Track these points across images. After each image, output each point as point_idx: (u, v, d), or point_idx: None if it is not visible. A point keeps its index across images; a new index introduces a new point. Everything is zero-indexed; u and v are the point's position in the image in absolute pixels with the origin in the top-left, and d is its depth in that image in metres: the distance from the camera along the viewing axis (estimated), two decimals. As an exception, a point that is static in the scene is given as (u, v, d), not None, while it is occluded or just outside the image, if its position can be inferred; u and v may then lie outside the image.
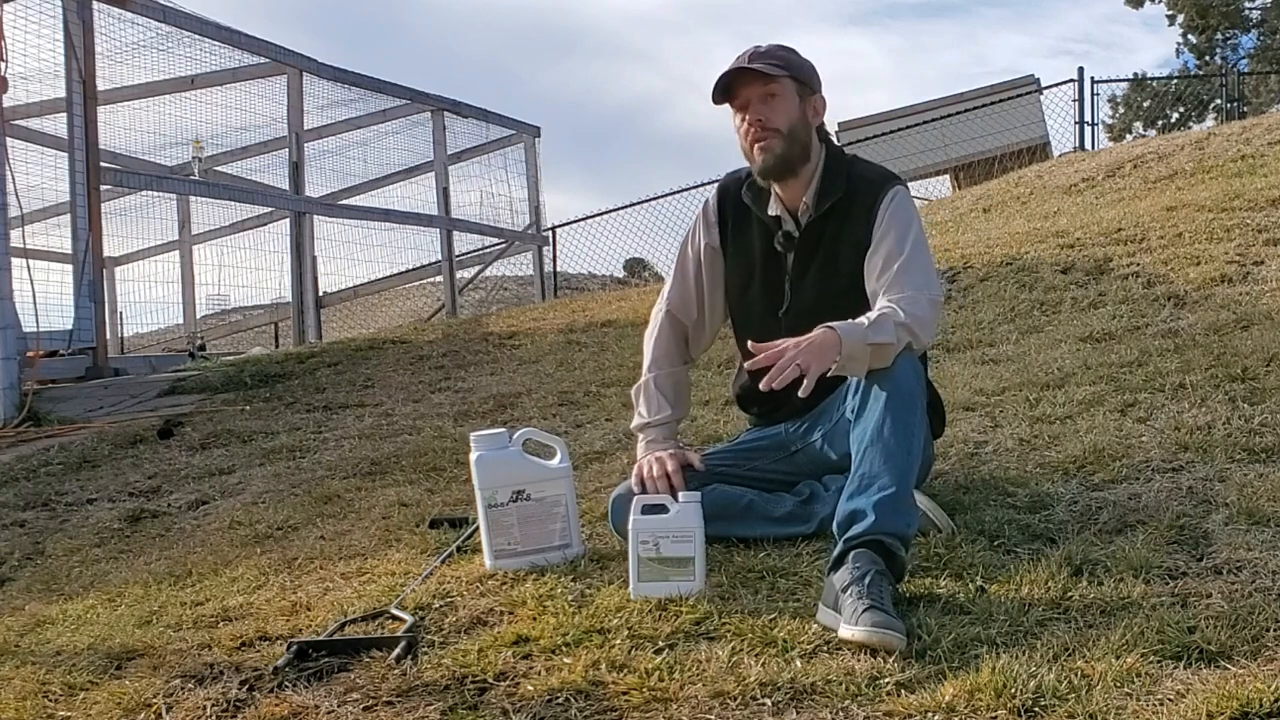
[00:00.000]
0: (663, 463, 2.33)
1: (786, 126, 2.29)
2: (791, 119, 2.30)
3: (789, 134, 2.29)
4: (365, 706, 1.71)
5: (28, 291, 5.88)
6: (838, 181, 2.33)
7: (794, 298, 2.37)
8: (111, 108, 7.83)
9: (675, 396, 2.49)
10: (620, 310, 6.48)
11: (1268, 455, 2.53)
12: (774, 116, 2.29)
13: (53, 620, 2.45)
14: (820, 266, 2.34)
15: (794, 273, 2.37)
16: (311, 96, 8.87)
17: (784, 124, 2.29)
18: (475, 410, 4.42)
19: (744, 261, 2.44)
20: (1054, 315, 4.53)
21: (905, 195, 2.32)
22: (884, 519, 1.93)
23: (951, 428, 3.04)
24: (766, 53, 2.30)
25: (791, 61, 2.30)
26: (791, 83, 2.29)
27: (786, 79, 2.29)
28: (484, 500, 2.31)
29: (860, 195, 2.31)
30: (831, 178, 2.34)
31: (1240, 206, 5.79)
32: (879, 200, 2.28)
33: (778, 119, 2.29)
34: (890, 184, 2.32)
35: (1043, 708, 1.51)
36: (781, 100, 2.29)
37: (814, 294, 2.33)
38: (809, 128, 2.33)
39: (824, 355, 1.97)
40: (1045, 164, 11.72)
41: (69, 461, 4.36)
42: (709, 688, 1.65)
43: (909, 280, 2.18)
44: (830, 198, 2.32)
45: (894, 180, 2.34)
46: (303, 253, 8.60)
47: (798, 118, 2.31)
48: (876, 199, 2.29)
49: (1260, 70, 24.90)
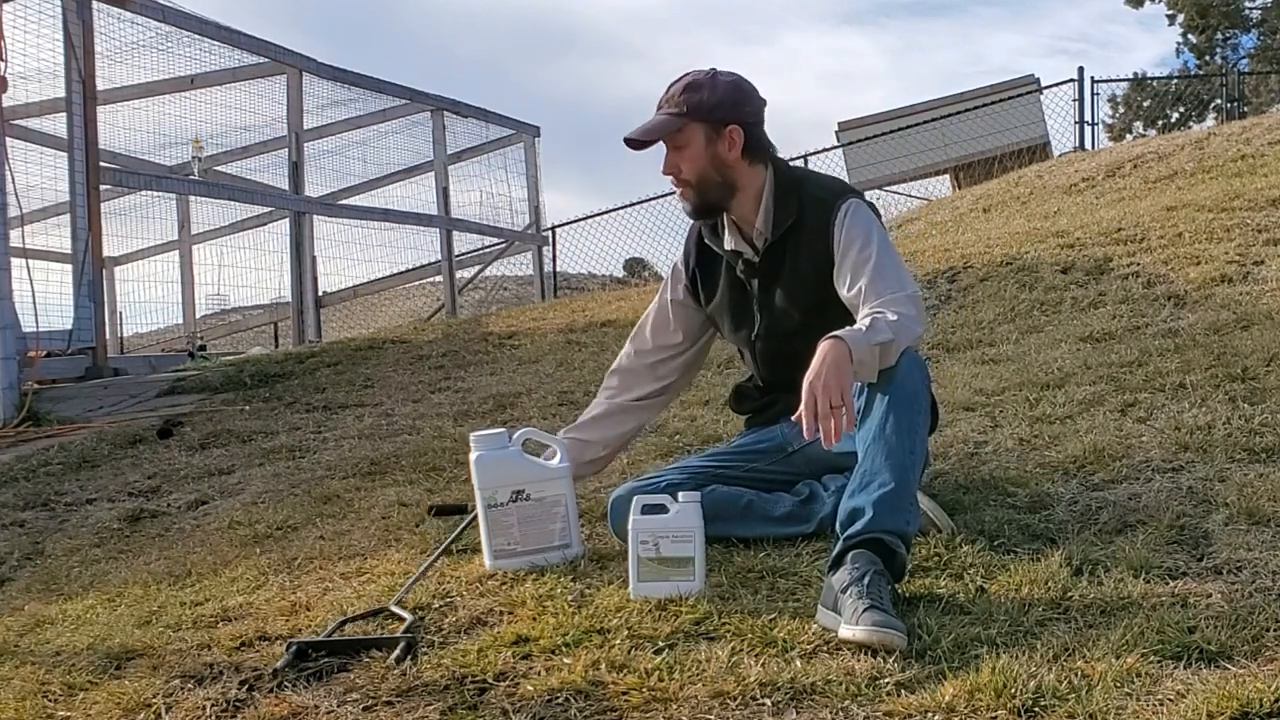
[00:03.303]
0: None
1: (695, 176, 2.30)
2: (699, 166, 2.30)
3: (699, 183, 2.31)
4: (365, 707, 1.71)
5: (27, 291, 5.88)
6: (789, 204, 2.33)
7: (763, 321, 2.39)
8: (111, 107, 7.83)
9: (611, 426, 2.55)
10: (620, 310, 6.48)
11: (1268, 455, 2.53)
12: (683, 166, 2.30)
13: (52, 620, 2.45)
14: (784, 288, 2.35)
15: (760, 298, 2.39)
16: (311, 96, 8.87)
17: (692, 174, 2.30)
18: (475, 410, 4.42)
19: (718, 299, 2.47)
20: (1054, 315, 4.53)
21: (859, 205, 2.30)
22: (882, 516, 1.93)
23: (951, 428, 3.04)
24: (670, 98, 2.29)
25: (692, 103, 2.27)
26: (697, 126, 2.28)
27: (689, 125, 2.27)
28: (484, 500, 2.31)
29: (812, 214, 2.30)
30: (783, 200, 2.33)
31: (1240, 206, 5.79)
32: (832, 217, 2.27)
33: (686, 170, 2.30)
34: (842, 198, 2.31)
35: (1043, 708, 1.51)
36: (688, 149, 2.29)
37: (781, 315, 2.35)
38: (725, 164, 2.30)
39: (842, 371, 1.95)
40: (1045, 164, 11.72)
41: (69, 461, 4.35)
42: (709, 688, 1.65)
43: (884, 285, 2.18)
44: (784, 223, 2.32)
45: (847, 193, 2.34)
46: (302, 252, 8.60)
47: (705, 162, 2.29)
48: (829, 217, 2.28)
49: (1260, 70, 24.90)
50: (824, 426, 1.91)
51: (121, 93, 8.08)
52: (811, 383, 1.94)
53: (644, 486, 2.34)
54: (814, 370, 1.96)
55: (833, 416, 1.91)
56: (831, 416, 1.91)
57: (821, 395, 1.92)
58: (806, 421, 1.93)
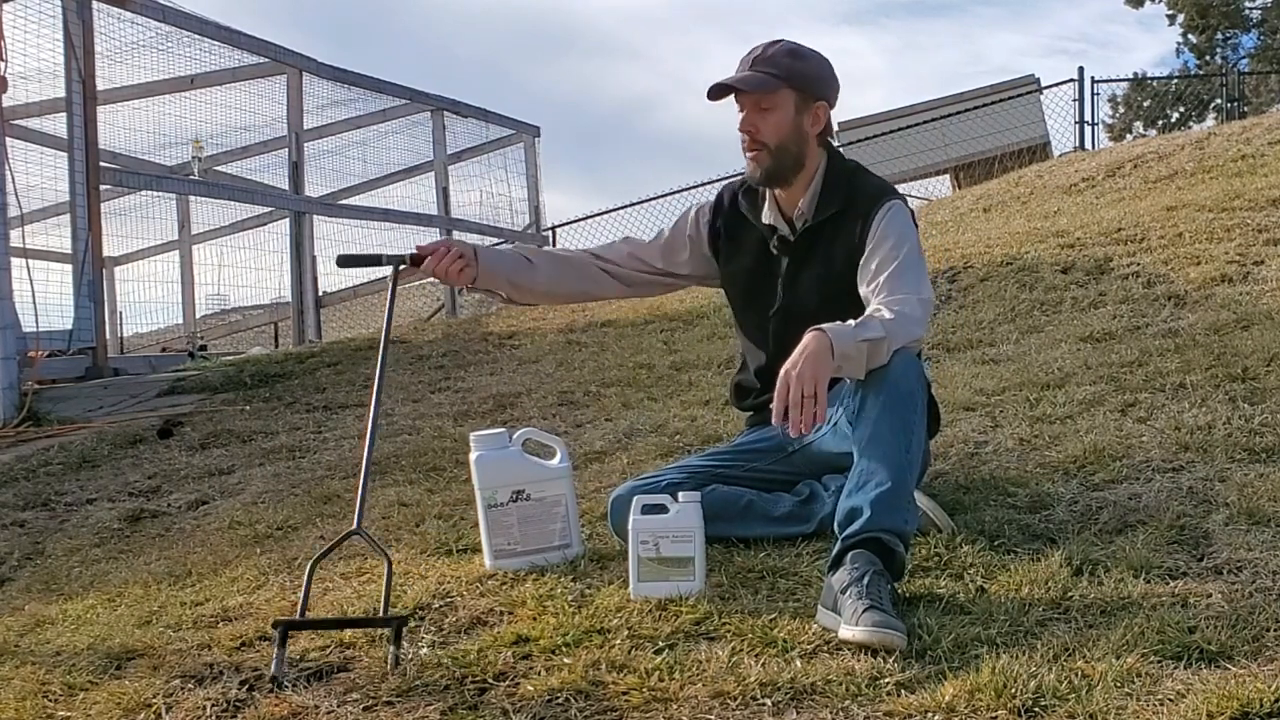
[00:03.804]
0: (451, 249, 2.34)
1: (775, 141, 2.28)
2: (782, 133, 2.28)
3: (777, 149, 2.28)
4: (365, 706, 1.71)
5: (27, 291, 5.88)
6: (837, 192, 2.32)
7: (785, 299, 2.38)
8: (111, 108, 7.82)
9: (544, 262, 2.46)
10: (620, 310, 6.48)
11: (1268, 455, 2.53)
12: (765, 129, 2.27)
13: (52, 620, 2.45)
14: (813, 272, 2.35)
15: (786, 276, 2.38)
16: (311, 96, 8.86)
17: (773, 139, 2.28)
18: (475, 410, 4.41)
19: (739, 265, 2.45)
20: (1054, 315, 4.53)
21: (902, 208, 2.30)
22: (880, 515, 1.93)
23: (951, 428, 3.04)
24: (769, 57, 2.26)
25: (794, 70, 2.26)
26: (790, 93, 2.26)
27: (783, 89, 2.26)
28: (484, 500, 2.31)
29: (857, 206, 2.30)
30: (831, 187, 2.33)
31: (1240, 206, 5.80)
32: (875, 211, 2.27)
33: (767, 133, 2.28)
34: (888, 197, 2.31)
35: (1043, 708, 1.51)
36: (775, 113, 2.27)
37: (804, 297, 2.34)
38: (804, 138, 2.30)
39: (820, 363, 1.96)
40: (1045, 164, 11.72)
41: (69, 461, 4.35)
42: (709, 688, 1.65)
43: (900, 285, 2.18)
44: (828, 208, 2.32)
45: (893, 194, 2.33)
46: (302, 253, 8.59)
47: (790, 131, 2.28)
48: (872, 210, 2.28)
49: (1260, 70, 24.90)
50: (793, 415, 1.93)
51: (121, 93, 8.07)
52: (787, 371, 1.96)
53: (644, 486, 2.34)
54: (792, 359, 1.98)
55: (803, 406, 1.92)
56: (802, 406, 1.92)
57: (795, 384, 1.94)
58: (776, 408, 1.95)
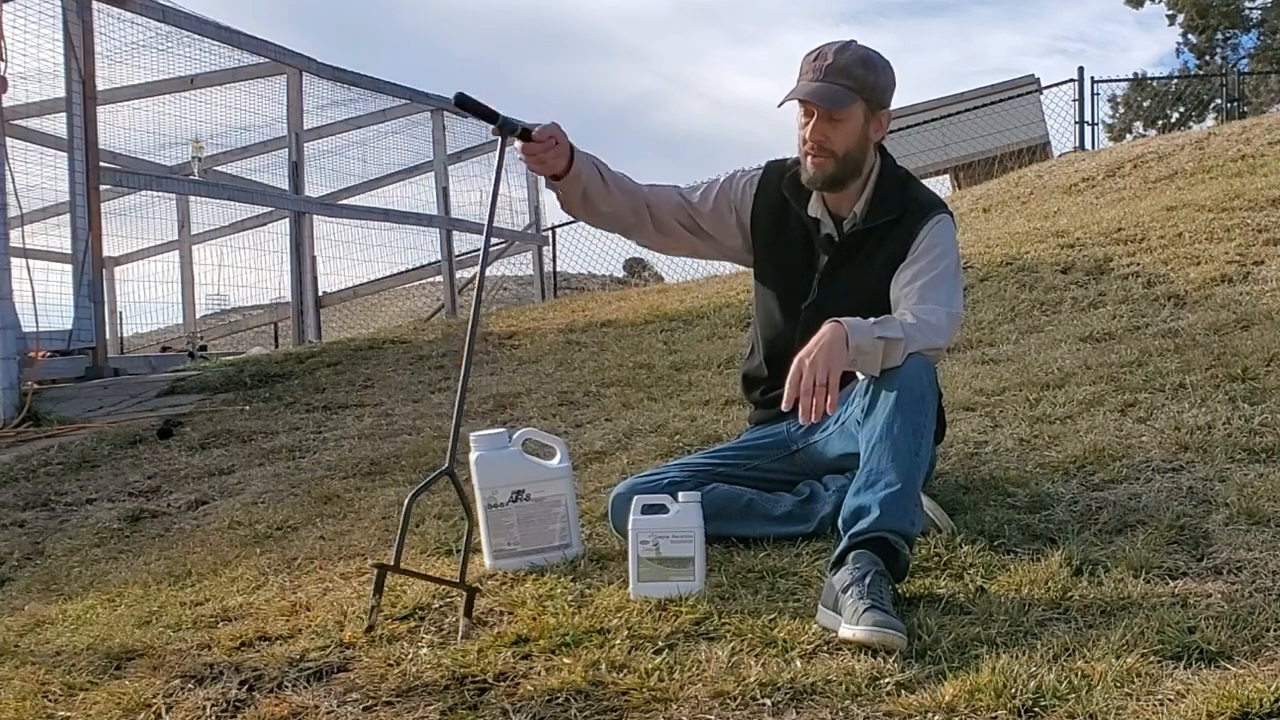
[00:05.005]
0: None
1: (844, 150, 2.28)
2: (850, 143, 2.28)
3: (844, 157, 2.28)
4: (365, 706, 1.71)
5: (27, 291, 5.88)
6: (893, 200, 2.33)
7: (819, 294, 2.37)
8: (111, 107, 7.83)
9: (616, 190, 2.40)
10: (620, 310, 6.48)
11: (1268, 455, 2.53)
12: (835, 139, 2.27)
13: (52, 620, 2.45)
14: (852, 274, 2.35)
15: (824, 272, 2.38)
16: (311, 96, 8.86)
17: (842, 148, 2.28)
18: (475, 410, 4.41)
19: (775, 251, 2.44)
20: (1054, 315, 4.53)
21: (949, 223, 2.32)
22: (889, 516, 1.93)
23: (951, 428, 3.04)
24: (843, 68, 2.23)
25: (867, 82, 2.25)
26: (861, 104, 2.26)
27: (857, 101, 2.24)
28: (484, 500, 2.31)
29: (910, 216, 2.31)
30: (886, 194, 2.34)
31: (1240, 206, 5.80)
32: (924, 222, 2.29)
33: (837, 143, 2.27)
34: (940, 209, 2.33)
35: (1043, 708, 1.51)
36: (846, 124, 2.26)
37: (838, 296, 2.33)
38: (867, 145, 2.31)
39: (835, 354, 1.98)
40: (1045, 164, 11.73)
41: (68, 461, 4.35)
42: (709, 688, 1.65)
43: (931, 294, 2.19)
44: (882, 215, 2.32)
45: (943, 208, 2.35)
46: (302, 253, 8.59)
47: (858, 140, 2.28)
48: (922, 221, 2.29)
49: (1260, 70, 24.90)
50: (804, 402, 1.94)
51: (121, 93, 8.07)
52: (802, 358, 1.98)
53: (645, 484, 2.34)
54: (807, 347, 1.99)
55: (815, 394, 1.93)
56: (814, 394, 1.93)
57: (808, 371, 1.96)
58: (788, 394, 1.96)
